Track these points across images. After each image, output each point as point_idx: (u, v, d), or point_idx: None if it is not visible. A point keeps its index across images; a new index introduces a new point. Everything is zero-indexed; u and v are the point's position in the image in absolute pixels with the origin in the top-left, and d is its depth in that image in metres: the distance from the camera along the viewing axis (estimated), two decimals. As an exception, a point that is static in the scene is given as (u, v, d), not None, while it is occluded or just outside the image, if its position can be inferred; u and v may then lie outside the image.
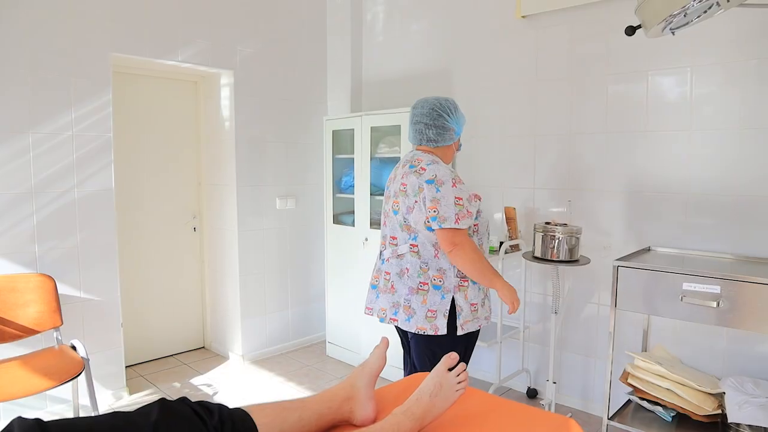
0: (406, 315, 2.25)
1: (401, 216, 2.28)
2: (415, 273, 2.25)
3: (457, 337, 2.24)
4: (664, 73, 2.87)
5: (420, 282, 2.24)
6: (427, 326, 2.21)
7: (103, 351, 3.29)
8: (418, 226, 2.23)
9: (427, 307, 2.21)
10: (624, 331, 3.05)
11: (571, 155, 3.23)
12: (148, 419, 1.10)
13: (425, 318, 2.21)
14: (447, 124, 2.32)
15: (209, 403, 1.22)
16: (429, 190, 2.16)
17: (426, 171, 2.20)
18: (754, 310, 2.16)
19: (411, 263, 2.26)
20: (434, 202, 2.14)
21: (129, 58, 3.41)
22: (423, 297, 2.22)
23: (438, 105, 2.32)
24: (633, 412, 2.70)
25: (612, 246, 3.09)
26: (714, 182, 2.73)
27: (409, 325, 2.24)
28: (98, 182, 3.22)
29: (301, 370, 3.92)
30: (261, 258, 4.12)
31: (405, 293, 2.26)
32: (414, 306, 2.23)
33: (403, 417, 1.33)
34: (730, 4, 2.00)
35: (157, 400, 1.16)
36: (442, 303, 2.21)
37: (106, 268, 3.28)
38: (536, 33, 3.34)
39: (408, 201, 2.24)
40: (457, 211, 2.13)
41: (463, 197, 2.17)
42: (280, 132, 4.17)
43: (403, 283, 2.27)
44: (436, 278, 2.23)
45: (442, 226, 2.13)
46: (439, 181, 2.17)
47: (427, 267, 2.24)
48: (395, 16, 4.12)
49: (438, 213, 2.13)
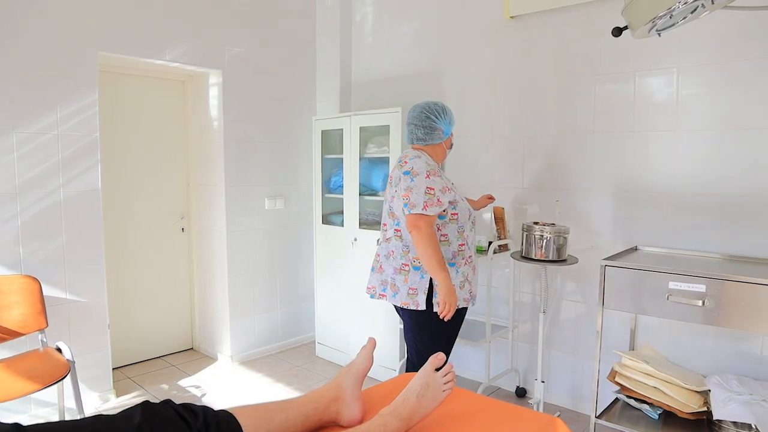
0: (392, 292, 2.56)
1: (388, 204, 2.62)
2: (398, 255, 2.55)
3: (435, 313, 2.48)
4: (650, 74, 2.89)
5: (402, 263, 2.53)
6: (410, 302, 2.50)
7: (89, 353, 3.26)
8: (400, 213, 2.52)
9: (409, 285, 2.51)
10: (612, 330, 3.07)
11: (560, 155, 3.24)
12: (131, 422, 1.09)
13: (407, 295, 2.50)
14: (434, 124, 2.59)
15: (194, 405, 1.21)
16: (404, 180, 2.46)
17: (407, 164, 2.51)
18: (738, 308, 2.18)
19: (395, 246, 2.57)
20: (407, 190, 2.42)
21: (116, 57, 3.38)
22: (405, 276, 2.52)
23: (426, 108, 2.60)
24: (620, 410, 2.71)
25: (600, 245, 3.10)
26: (700, 182, 2.76)
27: (396, 300, 2.55)
28: (85, 182, 3.19)
29: (290, 371, 3.91)
30: (250, 258, 4.10)
31: (391, 273, 2.57)
32: (398, 284, 2.54)
33: (390, 417, 1.33)
34: (715, 6, 2.01)
35: (141, 403, 1.15)
36: (421, 282, 2.48)
37: (92, 269, 3.25)
38: (525, 34, 3.35)
39: (392, 191, 2.58)
40: (425, 199, 2.39)
41: (435, 188, 2.43)
42: (269, 132, 4.16)
43: (390, 263, 2.58)
44: (415, 259, 2.50)
45: (411, 211, 2.39)
46: (414, 172, 2.45)
47: (407, 250, 2.53)
48: (384, 17, 4.12)
49: (409, 200, 2.41)
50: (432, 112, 2.58)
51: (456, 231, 2.55)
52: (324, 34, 4.38)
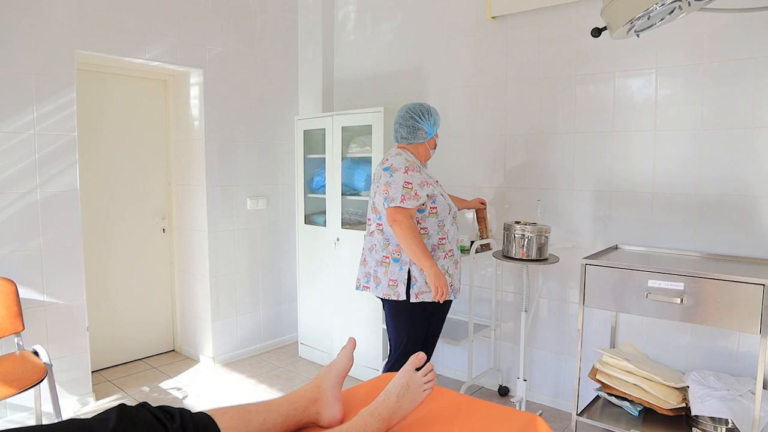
0: (374, 283, 2.66)
1: (371, 200, 2.72)
2: (380, 248, 2.65)
3: (414, 304, 2.57)
4: (630, 75, 2.91)
5: (383, 255, 2.63)
6: (391, 293, 2.59)
7: (67, 356, 3.21)
8: (381, 208, 2.62)
9: (389, 277, 2.60)
10: (593, 328, 3.10)
11: (541, 155, 3.26)
12: (105, 426, 1.07)
13: (388, 286, 2.59)
14: (417, 124, 2.69)
15: (170, 408, 1.20)
16: (384, 176, 2.57)
17: (387, 161, 2.62)
18: (716, 305, 2.21)
19: (378, 240, 2.67)
20: (387, 185, 2.53)
21: (94, 56, 3.34)
22: (385, 269, 2.61)
23: (411, 108, 2.72)
24: (602, 407, 2.73)
25: (580, 244, 3.13)
26: (679, 181, 2.79)
27: (378, 292, 2.64)
28: (63, 183, 3.15)
29: (272, 372, 3.89)
30: (232, 259, 4.07)
31: (373, 265, 2.68)
32: (380, 276, 2.63)
33: (370, 417, 1.33)
34: (691, 8, 2.04)
35: (116, 406, 1.13)
36: (400, 273, 2.58)
37: (71, 270, 3.20)
38: (506, 34, 3.36)
39: (374, 187, 2.68)
40: (403, 192, 2.49)
41: (413, 182, 2.52)
42: (250, 132, 4.13)
43: (372, 256, 2.70)
44: (395, 252, 2.60)
45: (390, 205, 2.50)
46: (393, 168, 2.56)
47: (388, 243, 2.62)
48: (366, 16, 4.11)
49: (387, 194, 2.52)
50: (416, 112, 2.69)
51: (436, 225, 2.62)
52: (306, 33, 4.36)
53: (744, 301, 2.14)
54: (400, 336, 2.65)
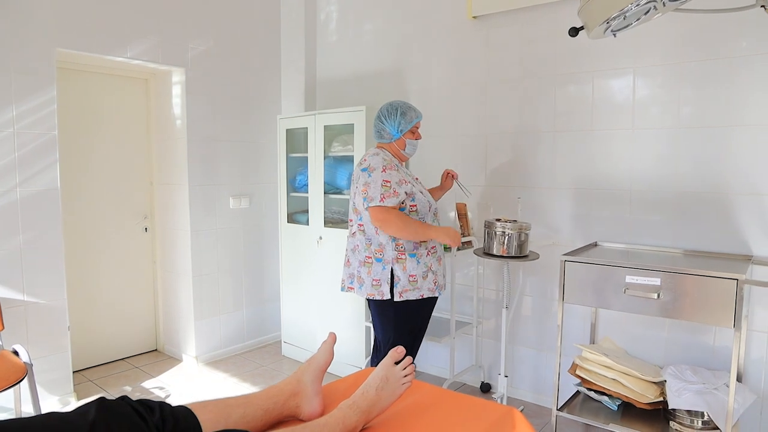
0: (358, 284, 2.66)
1: (351, 201, 2.71)
2: (362, 248, 2.64)
3: (398, 303, 2.59)
4: (608, 74, 2.96)
5: (366, 256, 2.63)
6: (375, 293, 2.59)
7: (48, 356, 3.19)
8: (361, 208, 2.62)
9: (372, 277, 2.60)
10: (573, 325, 3.14)
11: (521, 153, 3.30)
12: (85, 419, 1.07)
13: (372, 286, 2.60)
14: (381, 125, 2.72)
15: (150, 401, 1.20)
16: (363, 176, 2.58)
17: (365, 161, 2.62)
18: (691, 300, 2.25)
19: (360, 240, 2.66)
20: (366, 185, 2.54)
21: (75, 54, 3.32)
22: (368, 269, 2.61)
23: (381, 108, 2.73)
24: (581, 402, 2.77)
25: (560, 241, 3.17)
26: (656, 179, 2.84)
27: (362, 292, 2.64)
28: (43, 181, 3.12)
29: (256, 371, 3.89)
30: (214, 258, 4.06)
31: (357, 266, 2.67)
32: (363, 276, 2.63)
33: (349, 410, 1.34)
34: (666, 8, 2.07)
35: (96, 399, 1.14)
36: (383, 273, 2.59)
37: (51, 270, 3.18)
38: (487, 33, 3.40)
39: (353, 187, 2.67)
40: (382, 191, 2.50)
41: (392, 180, 2.53)
42: (233, 131, 4.12)
43: (355, 257, 2.68)
44: (377, 252, 2.61)
45: (369, 204, 2.51)
46: (371, 168, 2.56)
47: (370, 243, 2.62)
48: (349, 16, 4.13)
49: (367, 194, 2.53)
50: (383, 112, 2.71)
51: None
52: (288, 32, 4.36)
53: (718, 296, 2.19)
54: (387, 334, 2.68)
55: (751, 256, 2.58)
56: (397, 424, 1.43)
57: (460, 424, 1.45)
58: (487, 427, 1.43)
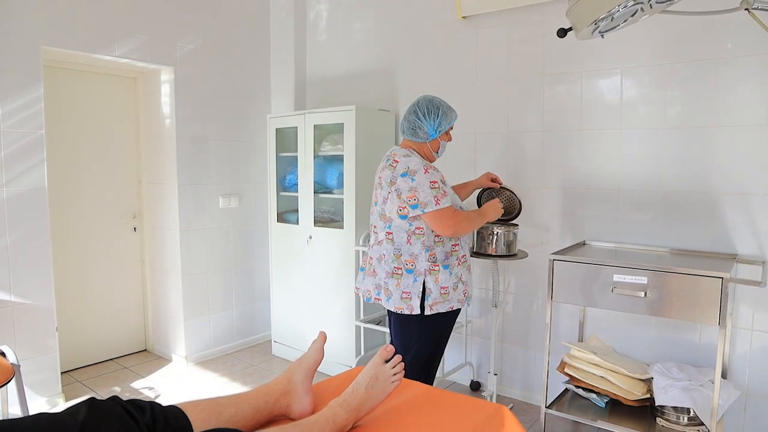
0: (386, 296, 2.45)
1: (380, 206, 2.47)
2: (390, 258, 2.44)
3: (426, 316, 2.41)
4: (596, 75, 2.98)
5: (394, 267, 2.42)
6: (404, 306, 2.39)
7: (36, 356, 3.17)
8: (393, 215, 2.40)
9: (402, 290, 2.40)
10: (561, 323, 3.16)
11: (510, 153, 3.32)
12: (75, 419, 1.07)
13: (401, 299, 2.40)
14: (418, 122, 2.47)
15: (141, 401, 1.20)
16: (404, 182, 2.34)
17: (399, 164, 2.38)
18: (678, 299, 2.28)
19: (387, 249, 2.45)
20: (412, 191, 2.32)
21: (62, 52, 3.29)
22: (397, 281, 2.41)
23: (420, 101, 2.49)
24: (570, 400, 2.80)
25: (549, 241, 3.19)
26: (644, 179, 2.87)
27: (389, 305, 2.44)
28: (30, 181, 3.10)
29: (246, 370, 3.88)
30: (204, 258, 4.05)
31: (383, 276, 2.45)
32: (391, 288, 2.42)
33: (339, 408, 1.35)
34: (653, 10, 2.10)
35: (86, 399, 1.13)
36: (414, 285, 2.39)
37: (39, 270, 3.16)
38: (476, 34, 3.41)
39: (383, 192, 2.43)
40: (434, 194, 2.31)
41: (437, 180, 2.35)
42: (222, 130, 4.11)
43: (382, 267, 2.47)
44: (408, 263, 2.41)
45: (425, 210, 2.31)
46: (412, 171, 2.34)
47: (399, 253, 2.42)
48: (338, 15, 4.13)
49: (418, 200, 2.31)
50: (422, 108, 2.46)
51: None
52: (278, 31, 4.36)
53: (704, 294, 2.22)
54: (408, 346, 2.49)
55: (736, 254, 2.61)
56: (387, 423, 1.44)
57: (450, 422, 1.46)
58: (477, 425, 1.44)
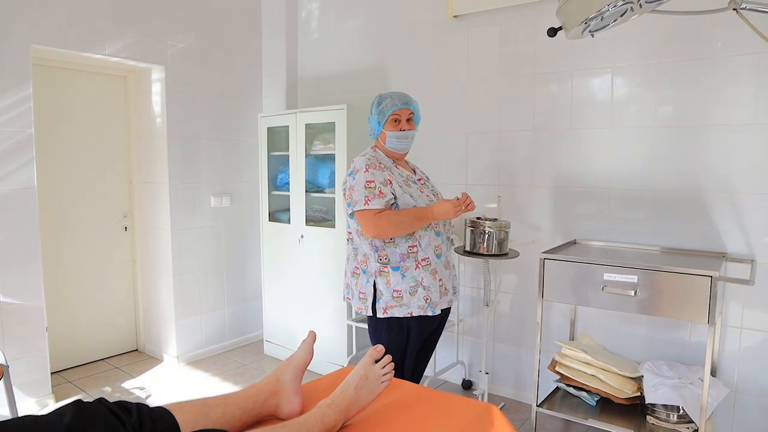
0: (351, 295, 2.44)
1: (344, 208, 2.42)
2: (351, 258, 2.45)
3: (381, 319, 2.33)
4: (587, 74, 2.99)
5: (354, 266, 2.42)
6: (362, 306, 2.36)
7: (25, 357, 3.14)
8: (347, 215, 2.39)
9: (359, 290, 2.38)
10: (553, 321, 3.17)
11: (502, 152, 3.32)
12: (61, 421, 1.06)
13: (359, 299, 2.37)
14: (367, 122, 2.53)
15: (128, 402, 1.19)
16: (348, 181, 2.35)
17: (351, 164, 2.40)
18: (667, 297, 2.29)
19: (349, 250, 2.46)
20: (350, 189, 2.30)
21: (51, 51, 3.27)
22: (356, 280, 2.40)
23: None
24: (561, 398, 2.81)
25: (540, 239, 3.20)
26: (635, 178, 2.88)
27: (354, 304, 2.43)
28: (19, 180, 3.07)
29: (237, 370, 3.87)
30: (195, 257, 4.03)
31: (349, 276, 2.45)
32: (352, 287, 2.42)
33: (328, 409, 1.35)
34: (643, 10, 2.10)
35: (72, 402, 1.13)
36: (367, 286, 2.35)
37: (28, 270, 3.13)
38: (468, 33, 3.41)
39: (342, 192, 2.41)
40: (366, 193, 2.24)
41: (376, 180, 2.27)
42: (214, 129, 4.09)
43: (349, 266, 2.47)
44: (362, 263, 2.38)
45: (354, 209, 2.26)
46: (355, 169, 2.33)
47: (356, 252, 2.41)
48: (330, 14, 4.12)
49: (351, 198, 2.28)
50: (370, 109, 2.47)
51: None
52: (270, 30, 4.34)
53: (694, 293, 2.23)
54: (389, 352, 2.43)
55: (725, 253, 2.63)
56: (376, 423, 1.44)
57: (439, 421, 1.46)
58: (466, 424, 1.44)
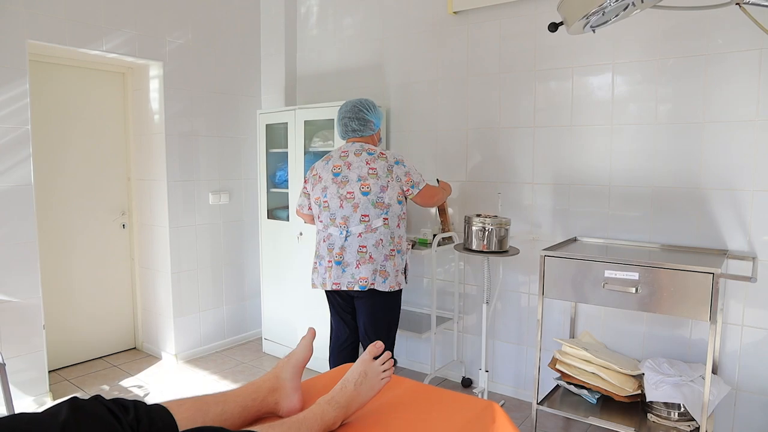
0: (382, 278, 2.65)
1: (374, 195, 2.63)
2: (387, 242, 2.67)
3: (400, 292, 2.79)
4: (587, 70, 2.97)
5: (390, 249, 2.68)
6: (395, 284, 2.69)
7: (22, 355, 3.13)
8: (392, 201, 2.65)
9: (396, 268, 2.70)
10: (553, 319, 3.16)
11: (502, 149, 3.31)
12: (56, 419, 1.04)
13: (395, 277, 2.69)
14: (366, 117, 2.78)
15: (125, 400, 1.17)
16: (400, 169, 2.67)
17: (388, 155, 2.69)
18: (669, 294, 2.28)
19: (383, 234, 2.66)
20: (407, 175, 2.69)
21: (48, 47, 3.24)
22: (393, 261, 2.69)
23: (359, 102, 2.80)
24: (561, 396, 2.79)
25: (540, 236, 3.18)
26: (635, 175, 2.86)
27: (384, 286, 2.65)
28: (15, 177, 3.05)
29: (236, 368, 3.86)
30: (194, 254, 4.02)
31: (381, 260, 2.66)
32: (388, 269, 2.67)
33: (327, 406, 1.33)
34: (645, 5, 2.08)
35: (68, 399, 1.11)
36: (401, 263, 2.74)
37: (25, 268, 3.11)
38: (467, 29, 3.39)
39: (381, 182, 2.63)
40: (420, 173, 2.76)
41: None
42: (212, 126, 4.08)
43: (380, 252, 2.65)
44: (398, 244, 2.72)
45: (421, 187, 2.70)
46: (399, 158, 2.71)
47: (393, 236, 2.69)
48: (329, 10, 4.10)
49: (412, 180, 2.69)
50: (364, 106, 2.80)
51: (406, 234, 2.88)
52: (268, 26, 4.32)
53: (695, 290, 2.22)
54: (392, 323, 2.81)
55: (726, 250, 2.62)
56: (376, 420, 1.43)
57: (440, 418, 1.44)
58: (467, 422, 1.43)
